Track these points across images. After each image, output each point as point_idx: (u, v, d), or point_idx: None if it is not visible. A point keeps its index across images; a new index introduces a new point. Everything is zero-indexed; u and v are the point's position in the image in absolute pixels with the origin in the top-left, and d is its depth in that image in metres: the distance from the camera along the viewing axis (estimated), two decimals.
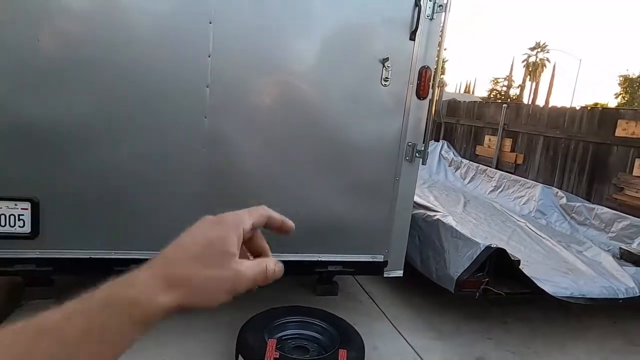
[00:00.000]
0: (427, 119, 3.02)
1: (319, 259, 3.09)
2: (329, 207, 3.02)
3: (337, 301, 3.80)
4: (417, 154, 3.05)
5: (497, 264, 3.26)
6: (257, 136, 2.81)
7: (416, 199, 3.64)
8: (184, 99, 2.63)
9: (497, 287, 3.24)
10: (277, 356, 2.47)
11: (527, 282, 3.21)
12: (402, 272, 3.28)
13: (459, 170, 7.29)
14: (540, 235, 4.61)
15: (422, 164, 3.04)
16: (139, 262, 1.84)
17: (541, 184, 5.73)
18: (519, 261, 3.37)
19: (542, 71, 48.46)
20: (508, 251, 3.29)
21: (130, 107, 2.57)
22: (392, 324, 3.56)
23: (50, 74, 2.42)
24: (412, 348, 3.24)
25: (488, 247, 3.12)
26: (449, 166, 7.56)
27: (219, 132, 2.73)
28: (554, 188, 5.66)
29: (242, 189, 2.84)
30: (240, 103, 2.76)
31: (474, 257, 3.13)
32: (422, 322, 3.64)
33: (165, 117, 2.63)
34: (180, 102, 2.63)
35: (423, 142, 3.04)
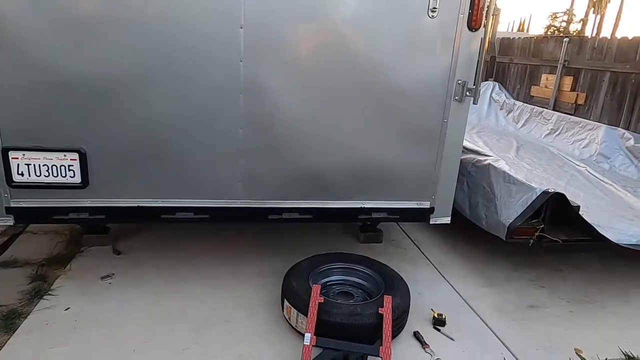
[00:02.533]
0: (479, 53, 2.75)
1: (363, 206, 3.01)
2: (372, 152, 2.89)
3: (381, 248, 3.76)
4: (467, 93, 2.81)
5: (554, 210, 3.04)
6: (295, 79, 2.68)
7: (465, 143, 3.42)
8: (217, 43, 2.52)
9: (553, 235, 3.05)
10: (322, 301, 2.49)
11: (587, 229, 3.00)
12: (449, 219, 3.16)
13: (511, 114, 6.81)
14: (602, 180, 4.25)
15: (474, 103, 2.81)
16: (183, 210, 1.84)
17: (605, 125, 5.23)
18: (578, 207, 3.13)
19: (609, 1, 43.43)
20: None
21: (167, 57, 2.50)
22: (438, 270, 3.49)
23: (91, 29, 2.39)
24: (459, 294, 3.17)
25: (545, 192, 2.90)
26: (500, 109, 7.07)
27: (256, 76, 2.62)
28: (619, 129, 5.14)
29: (282, 135, 2.76)
30: (276, 45, 2.61)
31: (529, 203, 2.93)
32: (469, 269, 3.55)
33: (202, 64, 2.55)
34: (214, 47, 2.52)
35: (475, 80, 2.79)
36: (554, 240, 3.00)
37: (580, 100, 6.14)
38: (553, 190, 2.92)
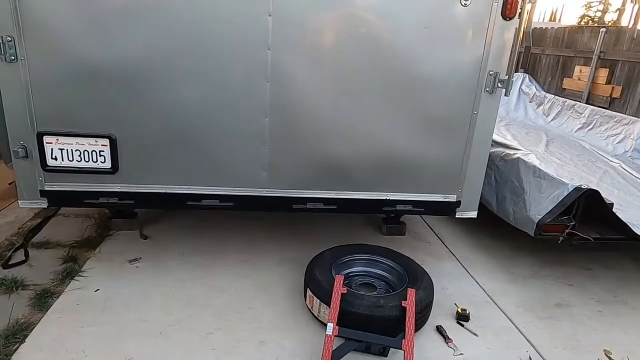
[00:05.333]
0: (513, 43, 2.66)
1: (387, 198, 2.98)
2: (399, 143, 2.85)
3: (404, 241, 3.73)
4: (499, 84, 2.73)
5: (586, 207, 2.94)
6: (323, 68, 2.65)
7: (493, 136, 3.33)
8: (245, 31, 2.51)
9: (583, 232, 2.95)
10: (345, 291, 2.48)
11: (621, 228, 2.89)
12: (476, 213, 3.10)
13: (541, 107, 6.60)
14: (637, 178, 4.09)
15: (505, 95, 2.72)
16: (209, 197, 1.86)
17: None
18: (612, 204, 3.02)
19: None
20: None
21: (194, 44, 2.51)
22: (462, 265, 3.44)
23: (120, 16, 2.41)
24: (484, 290, 3.12)
25: (578, 188, 2.81)
26: (530, 102, 6.86)
27: (283, 65, 2.60)
28: None
29: (308, 124, 2.75)
30: (304, 33, 2.59)
31: (560, 199, 2.84)
32: (494, 265, 3.48)
33: (230, 52, 2.54)
34: (242, 35, 2.52)
35: (507, 71, 2.70)
36: (584, 238, 2.91)
37: (615, 93, 5.91)
38: (586, 186, 2.82)
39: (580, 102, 6.17)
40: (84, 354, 2.28)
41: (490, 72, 2.72)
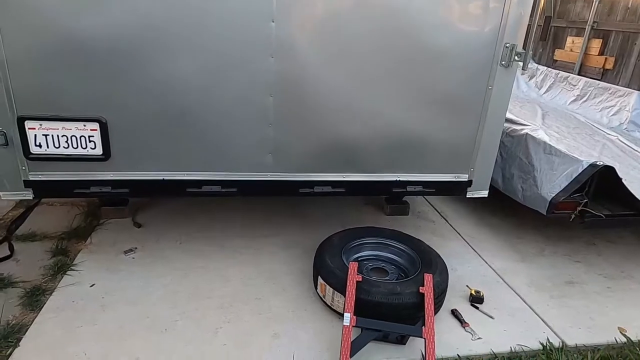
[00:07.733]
0: (532, 13, 2.51)
1: (398, 179, 2.85)
2: (410, 121, 2.70)
3: (408, 221, 3.65)
4: (516, 57, 2.59)
5: (598, 183, 2.89)
6: (330, 42, 2.44)
7: None
8: (247, 0, 2.28)
9: (593, 209, 2.91)
10: (360, 279, 2.38)
11: (632, 203, 2.85)
12: (487, 192, 3.01)
13: (533, 79, 6.52)
14: (636, 150, 4.07)
15: (523, 69, 2.59)
16: (210, 183, 1.65)
17: (637, 92, 4.99)
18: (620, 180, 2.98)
19: None
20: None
21: (192, 16, 2.26)
22: (469, 244, 3.38)
23: None
24: (494, 270, 3.07)
25: (593, 165, 2.74)
26: (522, 74, 6.78)
27: (288, 38, 2.39)
28: None
29: (315, 102, 2.56)
30: (310, 2, 2.37)
31: (574, 176, 2.78)
32: (500, 243, 3.44)
33: (230, 24, 2.30)
34: (243, 5, 2.28)
35: (525, 43, 2.56)
36: (597, 215, 2.87)
37: (608, 64, 5.87)
38: (602, 163, 2.75)
39: (572, 73, 6.11)
40: (86, 356, 2.12)
41: (507, 45, 2.57)
